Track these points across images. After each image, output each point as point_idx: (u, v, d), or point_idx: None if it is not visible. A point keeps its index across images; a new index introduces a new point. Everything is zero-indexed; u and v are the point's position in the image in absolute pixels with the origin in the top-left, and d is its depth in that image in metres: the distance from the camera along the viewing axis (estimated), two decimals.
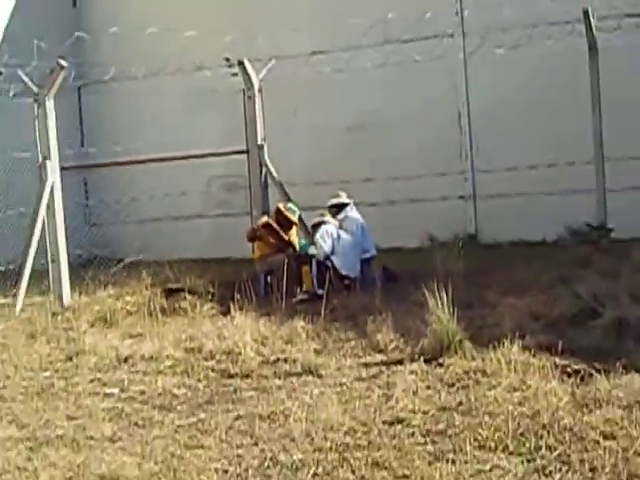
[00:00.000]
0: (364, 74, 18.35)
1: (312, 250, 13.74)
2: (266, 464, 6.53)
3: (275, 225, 14.17)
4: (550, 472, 6.01)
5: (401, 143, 18.39)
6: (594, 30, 14.82)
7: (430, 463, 6.32)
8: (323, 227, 13.78)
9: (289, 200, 14.77)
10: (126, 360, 10.07)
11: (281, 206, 14.46)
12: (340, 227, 13.92)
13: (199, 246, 18.32)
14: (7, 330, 12.01)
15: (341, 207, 14.23)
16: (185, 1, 20.00)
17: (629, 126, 15.98)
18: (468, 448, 6.53)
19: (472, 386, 8.12)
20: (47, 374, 9.76)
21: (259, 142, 15.15)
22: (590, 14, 14.72)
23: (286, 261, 13.49)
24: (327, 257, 13.54)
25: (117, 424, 7.85)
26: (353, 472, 6.24)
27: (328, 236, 13.62)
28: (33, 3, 20.23)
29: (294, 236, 14.36)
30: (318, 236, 13.70)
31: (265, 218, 14.41)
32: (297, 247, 14.18)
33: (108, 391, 8.99)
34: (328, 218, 14.02)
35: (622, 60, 15.83)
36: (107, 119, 21.20)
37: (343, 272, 13.57)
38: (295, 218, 14.35)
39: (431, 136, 18.29)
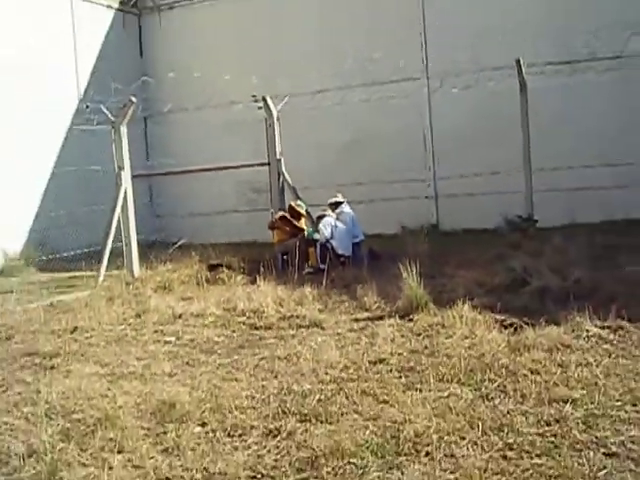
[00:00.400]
0: (354, 107, 18.38)
1: (316, 236, 13.72)
2: (283, 392, 6.55)
3: (289, 217, 14.21)
4: (491, 398, 6.03)
5: (381, 157, 18.39)
6: (524, 74, 14.79)
7: (404, 391, 6.34)
8: (325, 219, 13.79)
9: (298, 198, 14.78)
10: (180, 316, 10.07)
11: (292, 203, 14.57)
12: (337, 219, 13.91)
13: (233, 233, 18.29)
14: (92, 295, 12.02)
15: (338, 204, 14.25)
16: (222, 53, 19.93)
17: (549, 144, 15.94)
18: (431, 380, 6.54)
19: (434, 335, 8.13)
20: (122, 327, 9.77)
21: (277, 157, 15.15)
22: (521, 62, 14.71)
23: (297, 244, 13.53)
24: (327, 241, 13.53)
25: (173, 363, 7.86)
26: (347, 398, 6.26)
27: (328, 225, 13.62)
28: (111, 54, 20.24)
29: (303, 224, 14.36)
30: (321, 225, 13.71)
31: (281, 212, 14.44)
32: (305, 232, 14.16)
33: (167, 339, 9.00)
34: (329, 212, 14.04)
35: (545, 96, 15.79)
36: (165, 141, 21.15)
37: (339, 252, 13.55)
38: (303, 211, 14.42)
39: (404, 152, 18.35)
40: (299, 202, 14.55)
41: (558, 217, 14.66)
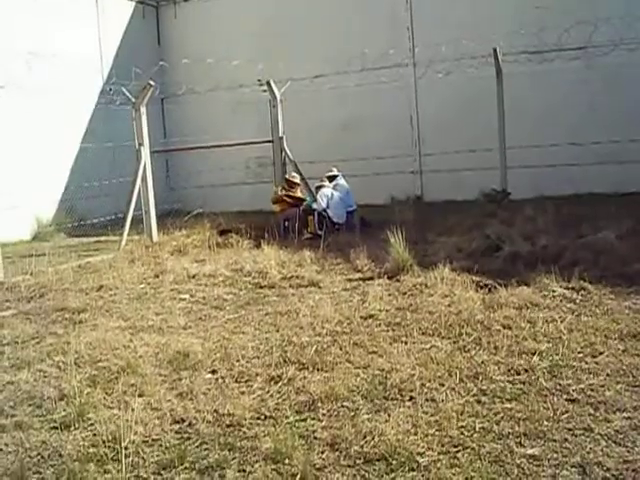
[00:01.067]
0: (349, 90, 18.28)
1: (314, 205, 13.70)
2: (284, 343, 6.57)
3: (287, 188, 14.17)
4: (468, 350, 6.06)
5: (373, 136, 18.31)
6: (500, 62, 14.69)
7: (391, 343, 6.36)
8: (322, 190, 13.76)
9: (299, 173, 14.71)
10: (194, 277, 10.06)
11: (287, 175, 14.57)
12: (333, 190, 13.89)
13: (241, 203, 18.23)
14: (116, 257, 12.02)
15: (334, 177, 14.23)
16: (232, 42, 19.70)
17: (522, 125, 15.89)
18: (415, 334, 6.57)
19: (418, 294, 8.14)
20: (142, 286, 9.77)
21: (280, 135, 15.05)
22: (497, 51, 14.61)
23: (297, 212, 13.53)
24: (324, 209, 13.50)
25: (188, 318, 7.88)
26: (341, 349, 6.28)
27: (324, 196, 13.60)
28: (131, 42, 20.07)
29: (299, 192, 14.35)
30: (319, 195, 13.69)
31: (280, 189, 14.34)
32: (304, 198, 14.14)
33: (182, 297, 9.01)
34: (326, 183, 14.01)
35: (518, 82, 15.70)
36: (180, 120, 21.00)
37: (335, 219, 13.55)
38: (297, 180, 14.40)
39: (392, 132, 18.27)
40: (293, 174, 14.52)
41: (529, 191, 14.62)
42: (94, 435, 4.84)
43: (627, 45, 15.01)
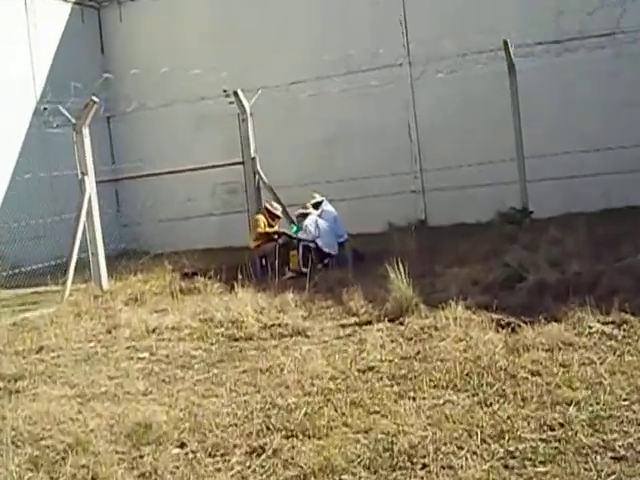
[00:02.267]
0: (332, 98, 18.33)
1: (301, 234, 13.76)
2: (266, 407, 6.54)
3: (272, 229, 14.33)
4: (490, 404, 6.04)
5: (364, 152, 18.44)
6: (512, 56, 14.83)
7: (396, 401, 6.34)
8: (310, 217, 13.85)
9: (277, 200, 14.78)
10: (154, 330, 10.00)
11: (268, 205, 14.59)
12: (320, 217, 13.99)
13: (208, 238, 18.26)
14: (59, 311, 11.94)
15: (318, 204, 14.30)
16: (190, 46, 19.86)
17: (542, 129, 16.02)
18: (425, 388, 6.55)
19: (426, 339, 8.13)
20: (92, 344, 9.71)
21: (252, 155, 15.17)
22: (509, 43, 14.74)
23: (276, 248, 13.59)
24: (313, 240, 13.60)
25: (148, 381, 7.82)
26: (336, 410, 6.25)
27: (314, 223, 13.69)
28: (70, 51, 20.10)
29: (280, 226, 14.47)
30: (307, 223, 13.77)
31: (263, 223, 14.36)
32: (288, 233, 14.22)
33: (140, 355, 8.95)
34: (311, 210, 14.09)
35: (535, 78, 15.85)
36: (132, 142, 21.10)
37: (326, 250, 13.63)
38: (279, 213, 14.47)
39: (388, 146, 18.40)
40: (274, 204, 14.57)
41: (554, 207, 14.73)
42: None
43: None
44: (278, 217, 14.51)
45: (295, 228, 14.22)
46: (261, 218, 14.41)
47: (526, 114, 14.96)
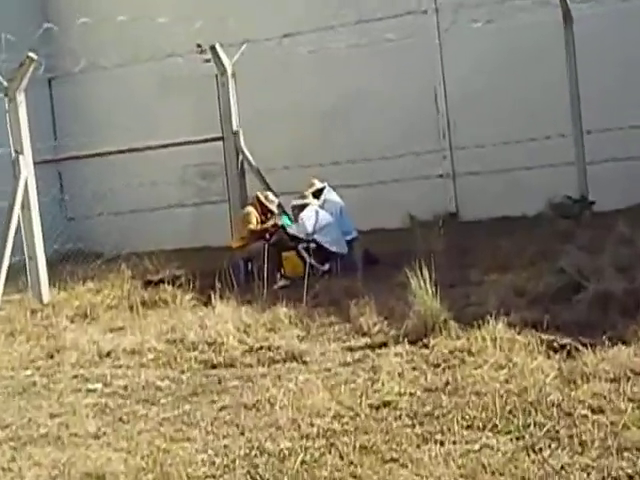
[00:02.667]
0: (337, 55, 18.28)
1: (292, 228, 13.75)
2: (253, 453, 6.53)
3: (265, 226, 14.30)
4: (540, 449, 6.03)
5: (378, 124, 18.37)
6: (568, 0, 14.81)
7: (418, 445, 6.33)
8: (309, 207, 13.87)
9: (268, 188, 14.75)
10: (108, 354, 10.03)
11: (261, 197, 14.49)
12: (322, 208, 14.00)
13: (177, 236, 18.30)
14: None
15: (319, 192, 14.29)
16: None
17: (605, 95, 15.99)
18: (456, 428, 6.55)
19: (458, 366, 8.13)
20: (28, 372, 9.72)
21: (234, 128, 15.13)
22: None
23: (264, 248, 13.56)
24: (311, 237, 13.58)
25: (101, 420, 7.83)
26: (341, 458, 6.24)
27: (311, 217, 13.67)
28: None
29: (271, 223, 14.46)
30: (304, 215, 13.76)
31: (256, 219, 14.34)
32: (280, 221, 14.24)
33: (91, 387, 8.96)
34: (309, 199, 14.08)
35: (597, 29, 15.81)
36: (80, 110, 21.06)
37: (333, 249, 13.63)
38: (274, 207, 14.43)
39: (408, 115, 18.28)
40: (270, 195, 14.52)
41: (622, 196, 14.71)
42: None
43: None
44: (272, 213, 14.47)
45: (285, 220, 14.19)
46: (253, 212, 14.36)
47: (585, 76, 14.92)
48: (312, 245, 13.63)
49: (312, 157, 17.42)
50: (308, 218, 13.68)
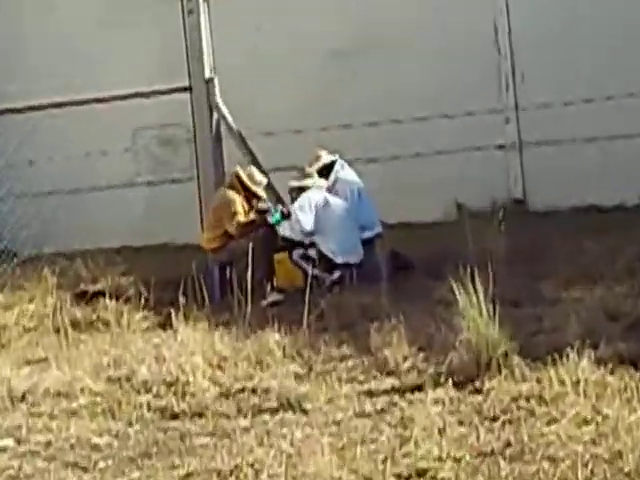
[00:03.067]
0: None
1: (284, 229, 13.71)
2: None
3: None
4: None
5: (411, 72, 18.40)
6: None
7: None
8: (306, 195, 13.77)
9: (253, 161, 14.74)
10: (23, 398, 10.03)
11: (242, 174, 14.43)
12: (330, 193, 13.95)
13: (124, 229, 18.32)
14: None
15: (329, 168, 14.23)
16: None
17: None
18: None
19: (524, 419, 8.11)
20: None
21: (207, 75, 15.11)
22: None
23: (249, 249, 13.49)
24: (302, 239, 13.58)
25: None
26: None
27: (309, 208, 13.61)
28: None
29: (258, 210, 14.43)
30: (296, 206, 13.69)
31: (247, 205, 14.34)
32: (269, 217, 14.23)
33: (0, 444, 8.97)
34: (314, 180, 14.00)
35: None
36: None
37: (338, 258, 13.57)
38: (261, 190, 14.35)
39: (456, 61, 18.33)
40: (255, 173, 14.48)
41: None
42: None
43: None
44: (258, 197, 14.46)
45: (276, 217, 14.10)
46: (237, 199, 14.29)
47: None
48: (312, 252, 13.59)
49: (317, 118, 17.45)
50: (303, 210, 13.60)
